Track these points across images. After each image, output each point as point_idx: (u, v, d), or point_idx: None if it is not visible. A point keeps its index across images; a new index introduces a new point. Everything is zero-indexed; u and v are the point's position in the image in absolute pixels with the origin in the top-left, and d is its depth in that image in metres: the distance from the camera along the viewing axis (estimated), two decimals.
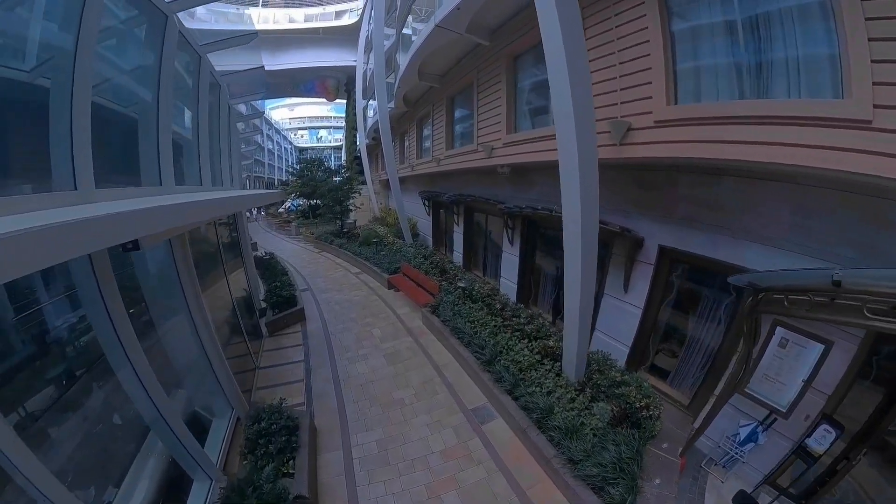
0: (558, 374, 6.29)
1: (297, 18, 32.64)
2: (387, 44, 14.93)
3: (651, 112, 4.98)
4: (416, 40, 10.02)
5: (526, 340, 7.46)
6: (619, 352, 6.76)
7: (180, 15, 5.67)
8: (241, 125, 18.53)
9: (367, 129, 25.54)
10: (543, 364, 6.61)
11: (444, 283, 10.80)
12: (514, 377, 6.32)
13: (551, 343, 7.13)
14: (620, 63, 5.33)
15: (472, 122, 10.24)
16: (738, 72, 4.38)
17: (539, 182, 8.71)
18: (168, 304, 5.26)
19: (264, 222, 38.36)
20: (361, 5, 29.31)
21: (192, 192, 6.14)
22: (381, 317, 10.54)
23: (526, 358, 6.78)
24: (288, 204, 36.99)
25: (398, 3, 14.38)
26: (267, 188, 56.47)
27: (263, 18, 32.24)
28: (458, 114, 11.84)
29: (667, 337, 6.58)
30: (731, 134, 4.03)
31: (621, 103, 5.35)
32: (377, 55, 14.47)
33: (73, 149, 3.14)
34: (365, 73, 25.85)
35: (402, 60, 12.05)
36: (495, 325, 8.02)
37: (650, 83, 4.97)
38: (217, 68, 8.18)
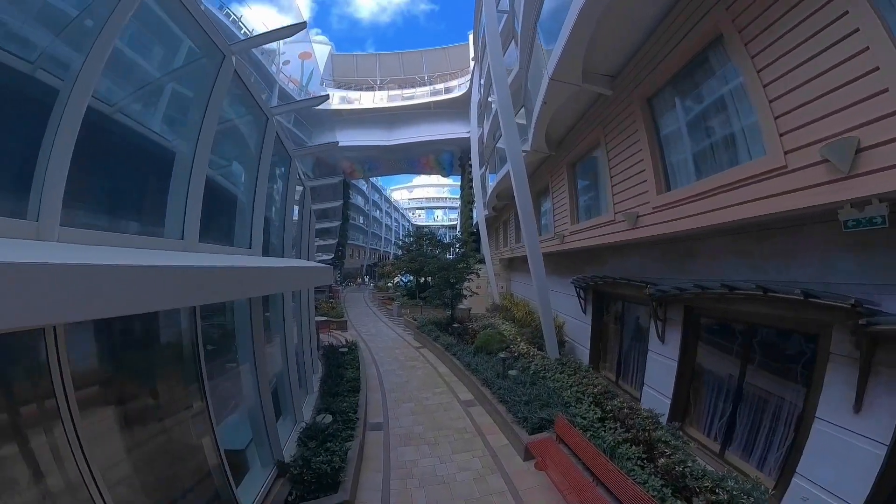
0: None
1: (409, 97, 34.06)
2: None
3: None
4: None
5: None
6: None
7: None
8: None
9: (487, 197, 21.27)
10: None
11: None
12: None
13: None
14: None
15: (740, 120, 4.55)
16: None
17: None
18: None
19: (370, 293, 36.58)
20: (469, 77, 28.85)
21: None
22: None
23: None
24: (397, 280, 35.21)
25: (518, 26, 10.37)
26: (380, 260, 56.68)
27: (379, 99, 34.12)
28: (674, 122, 6.17)
29: None
30: None
31: None
32: (498, 81, 10.03)
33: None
34: (481, 137, 22.90)
35: (554, 50, 7.11)
36: None
37: None
38: None
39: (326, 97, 6.69)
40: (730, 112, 5.06)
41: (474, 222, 30.04)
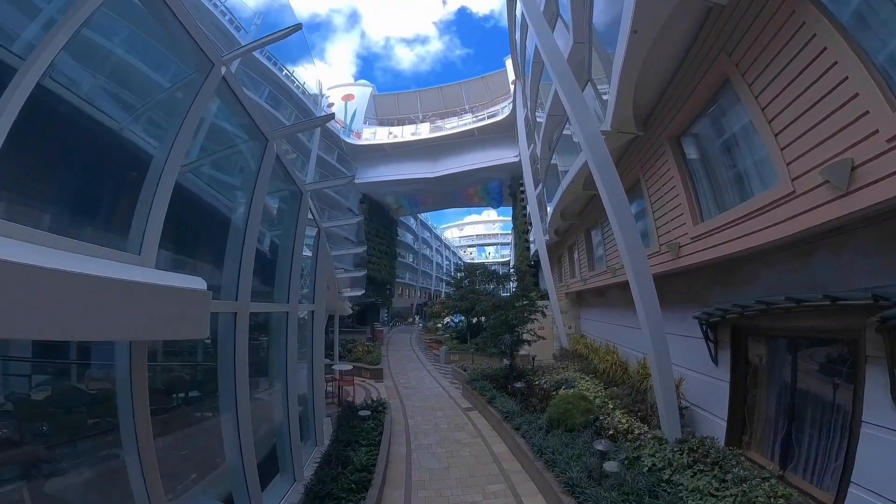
0: None
1: (451, 126, 33.25)
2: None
3: None
4: None
5: None
6: None
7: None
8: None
9: (548, 219, 18.05)
10: None
11: None
12: None
13: None
14: None
15: None
16: None
17: None
18: None
19: (417, 334, 34.26)
20: (511, 100, 27.37)
21: None
22: None
23: None
24: (447, 320, 32.45)
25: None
26: (430, 299, 53.70)
27: (422, 130, 33.61)
28: None
29: None
30: None
31: None
32: (551, 55, 7.44)
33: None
34: (533, 153, 20.24)
35: None
36: None
37: None
38: None
39: (299, 26, 4.56)
40: None
41: (532, 253, 26.93)
